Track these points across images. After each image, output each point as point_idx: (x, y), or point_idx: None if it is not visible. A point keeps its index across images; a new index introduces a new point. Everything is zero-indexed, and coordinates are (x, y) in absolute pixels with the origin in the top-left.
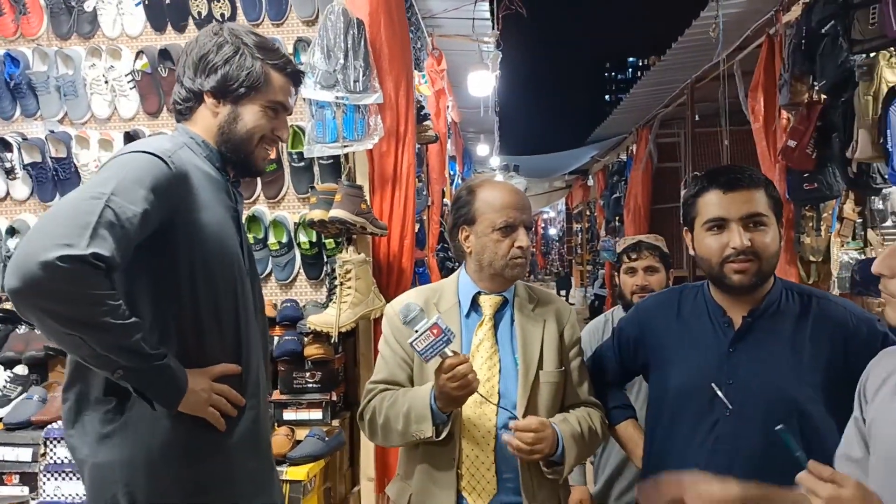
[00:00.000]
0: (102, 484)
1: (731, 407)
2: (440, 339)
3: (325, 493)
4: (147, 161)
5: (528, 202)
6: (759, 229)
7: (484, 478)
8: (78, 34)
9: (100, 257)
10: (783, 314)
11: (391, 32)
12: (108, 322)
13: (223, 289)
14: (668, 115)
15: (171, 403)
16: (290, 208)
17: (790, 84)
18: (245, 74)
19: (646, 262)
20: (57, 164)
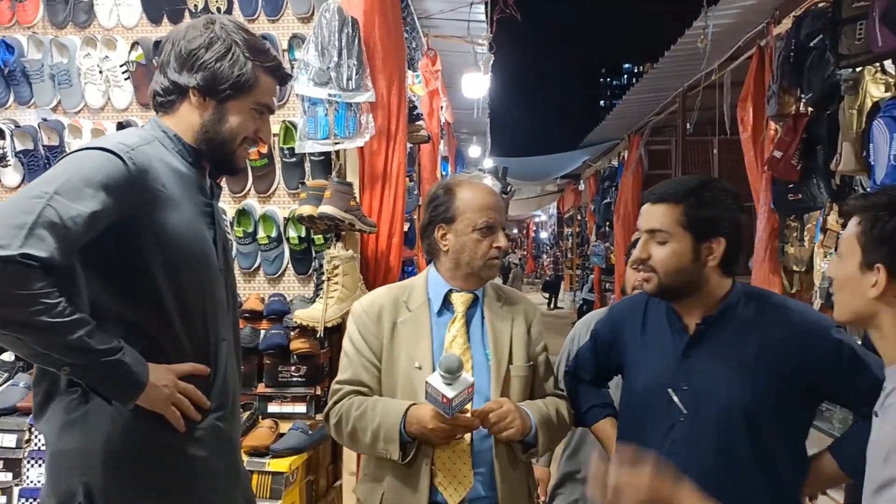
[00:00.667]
0: (60, 472)
1: (685, 412)
2: (468, 398)
3: (308, 486)
4: (100, 158)
5: (501, 202)
6: (660, 245)
7: (460, 472)
8: (74, 23)
9: (31, 257)
10: (738, 320)
11: (385, 32)
12: (43, 321)
13: (191, 286)
14: (659, 123)
15: (126, 398)
16: (281, 203)
17: (778, 95)
18: (235, 75)
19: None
20: (49, 153)
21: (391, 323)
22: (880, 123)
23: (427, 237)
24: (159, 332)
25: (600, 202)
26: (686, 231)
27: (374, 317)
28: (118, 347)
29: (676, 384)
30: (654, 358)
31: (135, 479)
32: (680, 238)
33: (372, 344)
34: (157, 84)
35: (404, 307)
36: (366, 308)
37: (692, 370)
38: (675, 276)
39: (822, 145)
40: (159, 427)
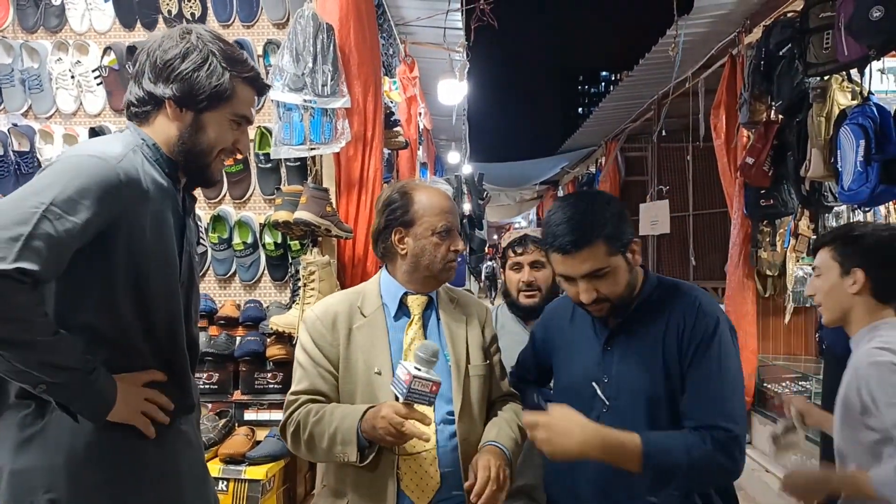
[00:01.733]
0: (21, 491)
1: (607, 403)
2: (430, 396)
3: (285, 494)
4: (94, 168)
5: (454, 206)
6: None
7: (427, 473)
8: (45, 28)
9: (25, 272)
10: (652, 311)
11: (360, 38)
12: (28, 338)
13: (156, 296)
14: (635, 130)
15: (96, 417)
16: (256, 209)
17: (749, 103)
18: (212, 85)
19: (532, 257)
20: (19, 158)
21: (346, 329)
22: (847, 130)
23: (383, 241)
24: (123, 341)
25: None
26: (616, 255)
27: (329, 324)
28: (92, 366)
29: (599, 377)
30: (579, 353)
31: (102, 489)
32: (615, 263)
33: (328, 352)
34: (131, 94)
35: (359, 312)
36: (319, 315)
37: (612, 362)
38: (623, 293)
39: (793, 152)
40: (123, 435)
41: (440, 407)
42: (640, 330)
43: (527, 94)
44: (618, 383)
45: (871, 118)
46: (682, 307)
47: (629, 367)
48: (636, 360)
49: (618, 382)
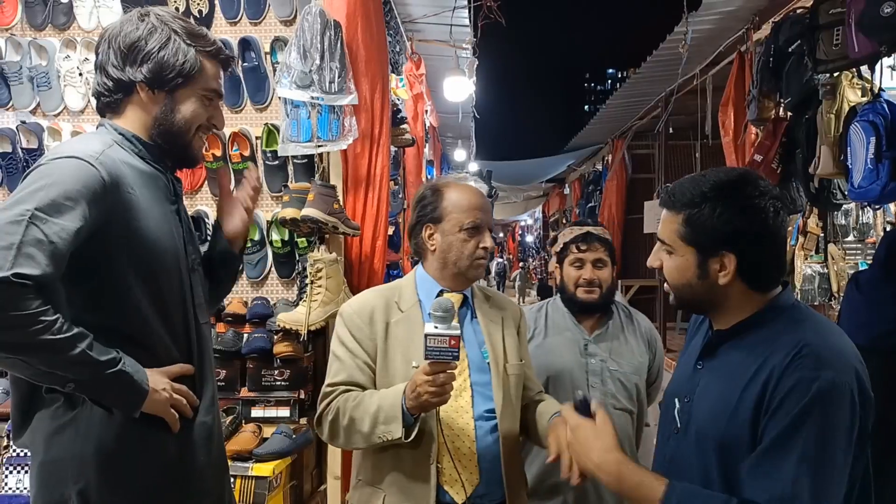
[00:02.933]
0: (51, 482)
1: (679, 426)
2: (451, 351)
3: (292, 491)
4: (73, 168)
5: (488, 203)
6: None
7: (466, 469)
8: (53, 25)
9: (24, 276)
10: (754, 338)
11: (368, 35)
12: (45, 340)
13: (168, 287)
14: (642, 127)
15: (132, 408)
16: (264, 206)
17: (758, 100)
18: (181, 62)
19: (595, 255)
20: (28, 156)
21: (384, 324)
22: (857, 127)
23: (415, 237)
24: (143, 337)
25: (585, 206)
26: (688, 245)
27: (367, 318)
28: (118, 358)
29: (682, 394)
30: (682, 363)
31: (130, 481)
32: (682, 252)
33: (366, 345)
34: (99, 86)
35: (396, 308)
36: (356, 310)
37: (697, 383)
38: (683, 291)
39: (801, 149)
40: (151, 428)
41: (479, 404)
42: (735, 355)
43: (533, 91)
44: (693, 408)
45: (881, 115)
46: (785, 346)
47: (706, 395)
48: (718, 387)
49: (694, 407)
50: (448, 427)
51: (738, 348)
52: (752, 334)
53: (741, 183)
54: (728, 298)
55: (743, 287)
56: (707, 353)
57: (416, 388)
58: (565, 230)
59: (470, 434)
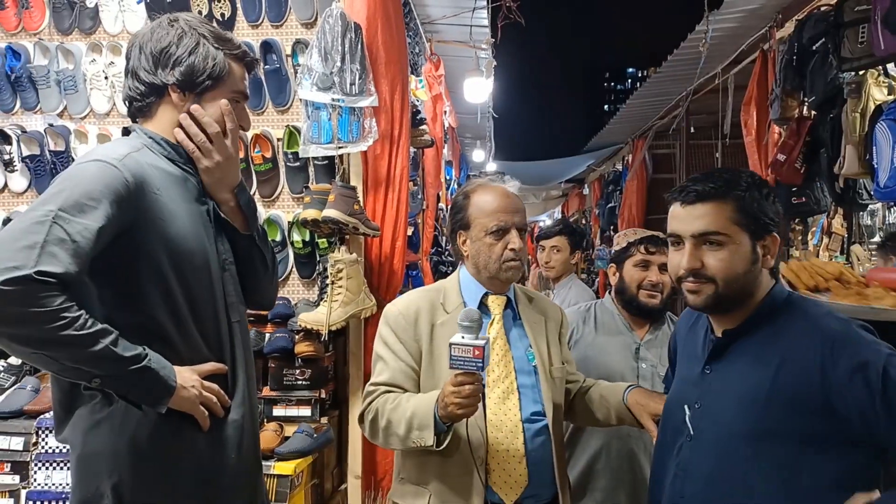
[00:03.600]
0: (87, 475)
1: (692, 433)
2: (474, 362)
3: (313, 489)
4: (95, 170)
5: (520, 204)
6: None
7: (515, 471)
8: (79, 30)
9: (47, 274)
10: (765, 332)
11: (388, 37)
12: (69, 335)
13: (197, 286)
14: (663, 127)
15: (158, 403)
16: (285, 207)
17: (781, 99)
18: (210, 66)
19: (663, 259)
20: (55, 158)
21: (429, 325)
22: (883, 126)
23: (453, 243)
24: (173, 335)
25: (605, 206)
26: (743, 230)
27: (412, 319)
28: (143, 354)
29: (692, 401)
30: (683, 370)
31: (163, 477)
32: (738, 238)
33: (410, 346)
34: (130, 90)
35: (441, 309)
36: (401, 310)
37: (708, 389)
38: (734, 283)
39: (826, 148)
40: (184, 425)
41: (526, 406)
42: (747, 355)
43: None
44: (707, 413)
45: None
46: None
47: (722, 399)
48: (733, 391)
49: (707, 412)
50: (497, 429)
51: (749, 346)
52: (759, 330)
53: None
54: (759, 286)
55: (768, 274)
56: (714, 356)
57: (444, 399)
58: (626, 232)
59: (519, 437)
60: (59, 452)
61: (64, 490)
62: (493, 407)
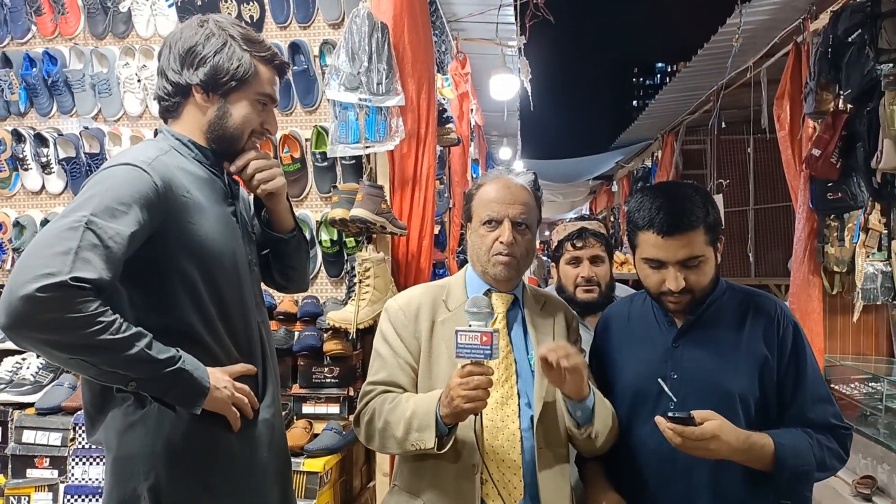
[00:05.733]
0: (123, 477)
1: (675, 400)
2: (482, 349)
3: (342, 486)
4: (125, 174)
5: (522, 196)
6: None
7: (510, 483)
8: (113, 34)
9: (82, 280)
10: (724, 311)
11: (414, 36)
12: (105, 340)
13: (227, 287)
14: (693, 122)
15: (193, 405)
16: (313, 207)
17: (815, 92)
18: (235, 67)
19: (591, 252)
20: (90, 160)
21: (430, 322)
22: None
23: (465, 237)
24: (204, 337)
25: None
26: (710, 246)
27: (412, 315)
28: (177, 356)
29: (666, 373)
30: (642, 351)
31: (198, 477)
32: (708, 254)
33: (409, 343)
34: (159, 90)
35: (444, 306)
36: (402, 306)
37: (681, 358)
38: (706, 290)
39: (863, 142)
40: (217, 426)
41: (525, 413)
42: (713, 329)
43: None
44: (688, 380)
45: None
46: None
47: (702, 365)
48: (710, 358)
49: (688, 379)
50: (493, 437)
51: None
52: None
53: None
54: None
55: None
56: (682, 333)
57: (450, 393)
58: (559, 227)
59: (516, 445)
60: (95, 448)
61: (100, 485)
62: (491, 412)
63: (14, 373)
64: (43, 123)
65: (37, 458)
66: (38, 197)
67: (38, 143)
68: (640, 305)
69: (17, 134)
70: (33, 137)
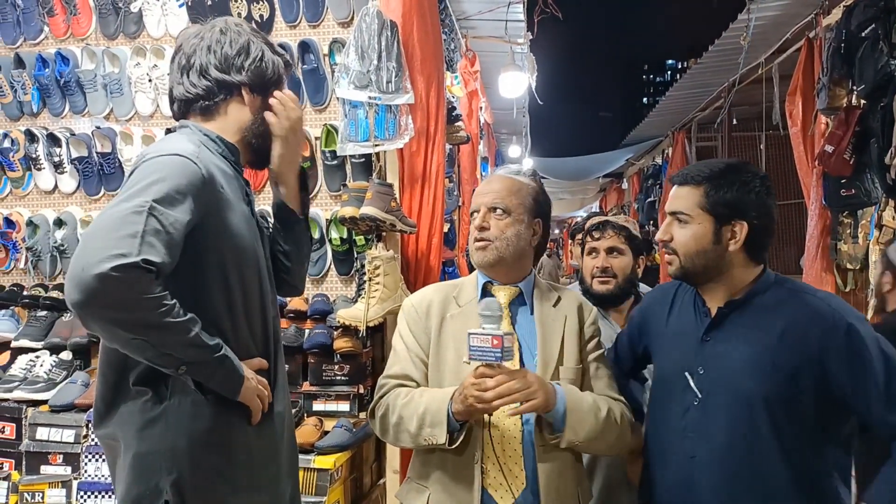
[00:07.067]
0: (145, 473)
1: (699, 396)
2: (493, 352)
3: (352, 483)
4: (180, 165)
5: (503, 185)
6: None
7: (511, 472)
8: (124, 34)
9: (151, 263)
10: (761, 307)
11: (423, 34)
12: (168, 321)
13: (250, 282)
14: (704, 119)
15: (234, 392)
16: (323, 205)
17: (828, 88)
18: (273, 70)
19: (609, 243)
20: (102, 159)
21: (440, 317)
22: None
23: None
24: (229, 330)
25: (644, 200)
26: (706, 213)
27: (424, 311)
28: (221, 343)
29: (693, 368)
30: (676, 342)
31: (219, 471)
32: (700, 220)
33: (420, 339)
34: (196, 88)
35: (454, 302)
36: (415, 303)
37: (710, 354)
38: (694, 259)
39: (876, 138)
40: (234, 419)
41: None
42: (747, 326)
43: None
44: (713, 377)
45: None
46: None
47: (728, 362)
48: (738, 356)
49: (713, 376)
50: (495, 428)
51: (745, 316)
52: (756, 303)
53: (744, 165)
54: (731, 267)
55: (743, 257)
56: (714, 326)
57: (464, 391)
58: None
59: (517, 436)
60: None
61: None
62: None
63: (28, 370)
64: (55, 123)
65: (50, 455)
66: (50, 196)
67: (51, 143)
68: (683, 293)
69: (30, 134)
70: (46, 137)
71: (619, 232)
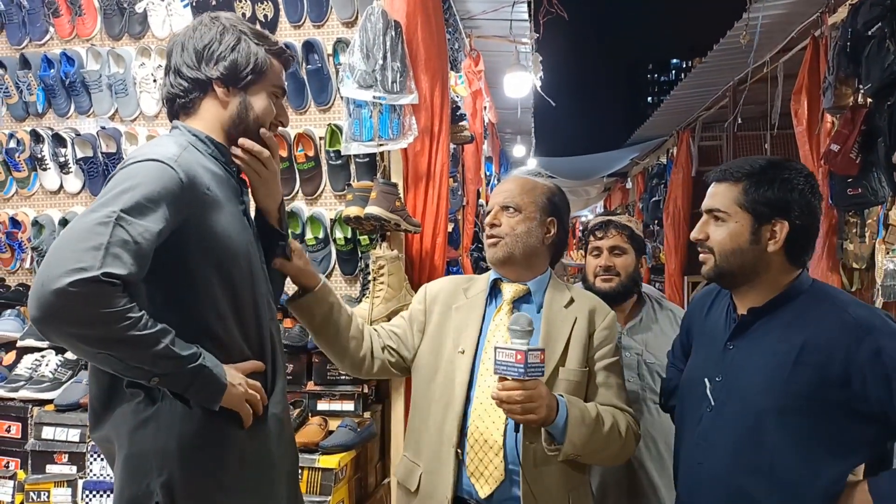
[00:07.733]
0: (136, 475)
1: (713, 404)
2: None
3: (356, 483)
4: (154, 171)
5: (512, 184)
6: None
7: (491, 463)
8: (129, 35)
9: (112, 276)
10: (789, 314)
11: (428, 33)
12: (133, 335)
13: (241, 285)
14: (709, 118)
15: (212, 401)
16: (327, 205)
17: (834, 87)
18: (252, 60)
19: (612, 242)
20: (107, 159)
21: (446, 306)
22: None
23: None
24: (219, 334)
25: (648, 200)
26: (745, 211)
27: (432, 298)
28: (198, 353)
29: (713, 375)
30: (704, 346)
31: (210, 473)
32: (738, 218)
33: (414, 320)
34: (173, 88)
35: (462, 294)
36: (428, 287)
37: (730, 363)
38: (730, 258)
39: (883, 137)
40: (228, 421)
41: None
42: (770, 335)
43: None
44: (728, 386)
45: None
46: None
47: (745, 372)
48: (756, 365)
49: (729, 385)
50: (479, 418)
51: (771, 325)
52: (783, 311)
53: (787, 162)
54: (769, 268)
55: (782, 259)
56: (738, 333)
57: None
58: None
59: (500, 427)
60: None
61: None
62: (481, 395)
63: (33, 370)
64: (61, 124)
65: (56, 454)
66: (56, 196)
67: (57, 144)
68: (722, 296)
69: (36, 134)
70: (51, 138)
71: (622, 231)
